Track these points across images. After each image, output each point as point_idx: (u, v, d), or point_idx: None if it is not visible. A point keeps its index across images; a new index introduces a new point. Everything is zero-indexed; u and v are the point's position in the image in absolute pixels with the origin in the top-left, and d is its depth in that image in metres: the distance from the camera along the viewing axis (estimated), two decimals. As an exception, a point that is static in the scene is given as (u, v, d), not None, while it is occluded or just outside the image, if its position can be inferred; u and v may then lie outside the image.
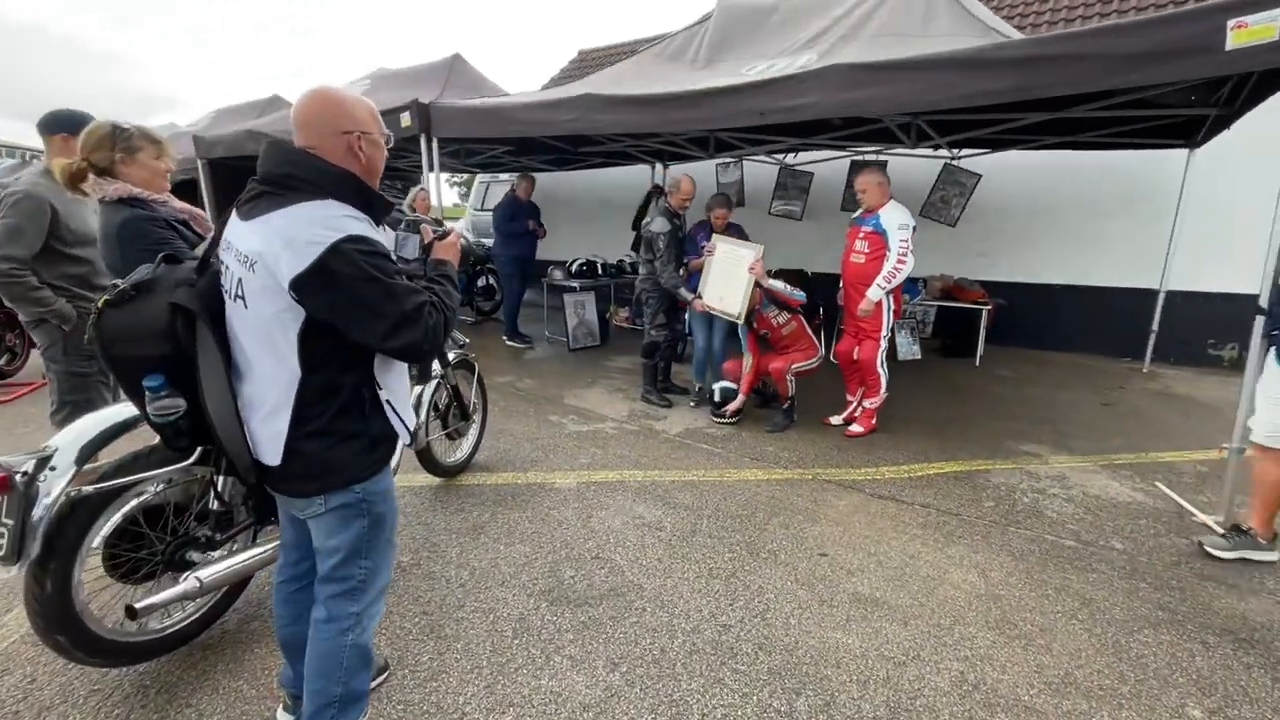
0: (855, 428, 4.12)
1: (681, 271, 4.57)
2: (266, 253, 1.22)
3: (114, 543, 1.77)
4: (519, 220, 6.62)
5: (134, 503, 1.80)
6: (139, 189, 2.02)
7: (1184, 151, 5.25)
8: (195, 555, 1.86)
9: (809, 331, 4.24)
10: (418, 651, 2.01)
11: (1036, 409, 4.73)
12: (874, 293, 3.81)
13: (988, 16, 4.25)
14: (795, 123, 5.46)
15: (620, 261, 7.24)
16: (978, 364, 6.11)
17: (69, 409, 2.61)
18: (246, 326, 1.32)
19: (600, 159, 8.62)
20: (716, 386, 4.30)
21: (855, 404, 4.25)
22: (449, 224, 1.68)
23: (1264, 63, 2.52)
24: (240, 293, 1.29)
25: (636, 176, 8.82)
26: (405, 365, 1.53)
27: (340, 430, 1.34)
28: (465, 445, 3.36)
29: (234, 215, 1.34)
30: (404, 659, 1.98)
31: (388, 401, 1.41)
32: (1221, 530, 2.79)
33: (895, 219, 3.78)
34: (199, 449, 1.78)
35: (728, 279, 4.24)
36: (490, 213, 7.71)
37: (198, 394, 1.43)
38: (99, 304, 1.40)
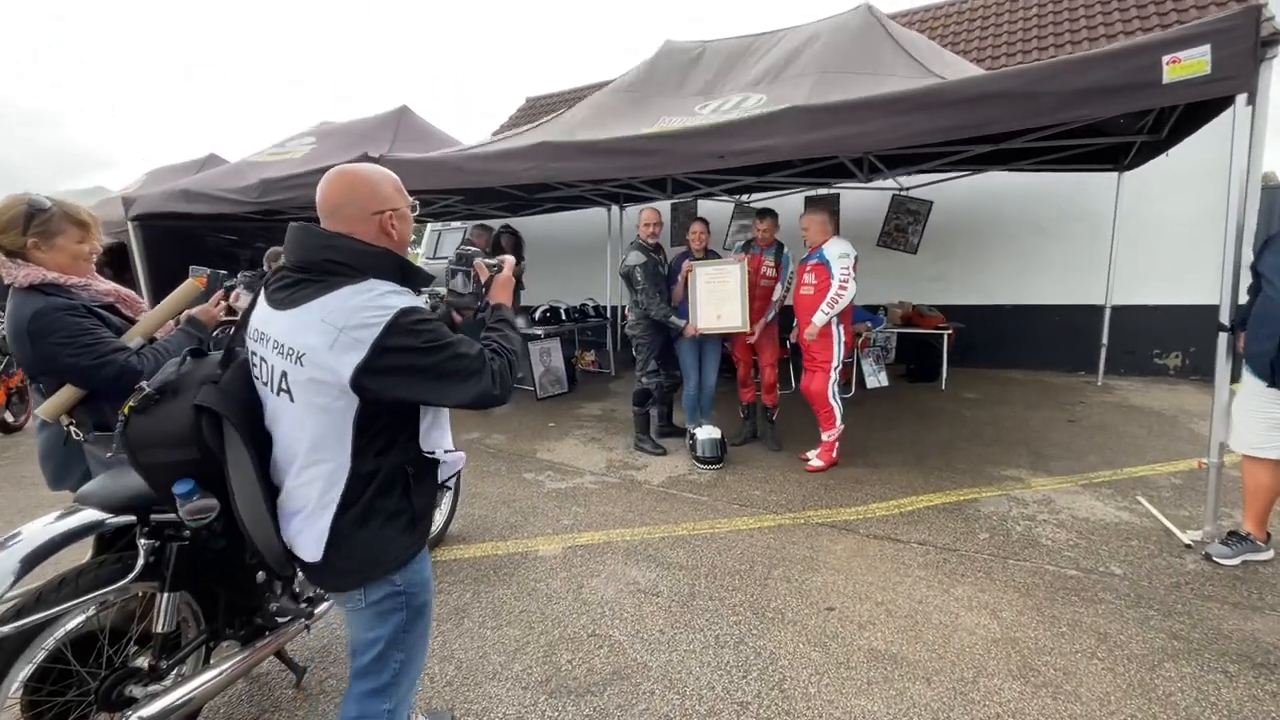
0: (815, 461, 4.10)
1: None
2: (316, 344, 1.19)
3: (35, 686, 1.50)
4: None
5: (60, 634, 1.54)
6: (55, 274, 1.80)
7: (1114, 175, 5.58)
8: (136, 690, 1.59)
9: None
10: (404, 772, 1.77)
11: (1008, 430, 4.79)
12: (818, 318, 3.90)
13: (926, 53, 4.43)
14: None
15: (583, 305, 7.15)
16: (943, 388, 6.21)
17: None
18: (293, 421, 1.27)
19: (554, 203, 8.60)
20: (699, 436, 4.18)
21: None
22: (502, 258, 1.65)
23: (1198, 94, 2.67)
24: (284, 386, 1.25)
25: (595, 218, 8.83)
26: (446, 416, 1.49)
27: (383, 510, 1.30)
28: (438, 517, 3.13)
29: (263, 301, 1.32)
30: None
31: (432, 453, 1.38)
32: (1210, 540, 2.83)
33: (837, 249, 3.93)
34: (141, 564, 1.56)
35: (719, 296, 4.24)
36: (445, 260, 7.52)
37: (229, 494, 1.37)
38: (124, 411, 1.35)
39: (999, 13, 8.06)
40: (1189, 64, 2.63)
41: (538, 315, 6.60)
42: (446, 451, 1.42)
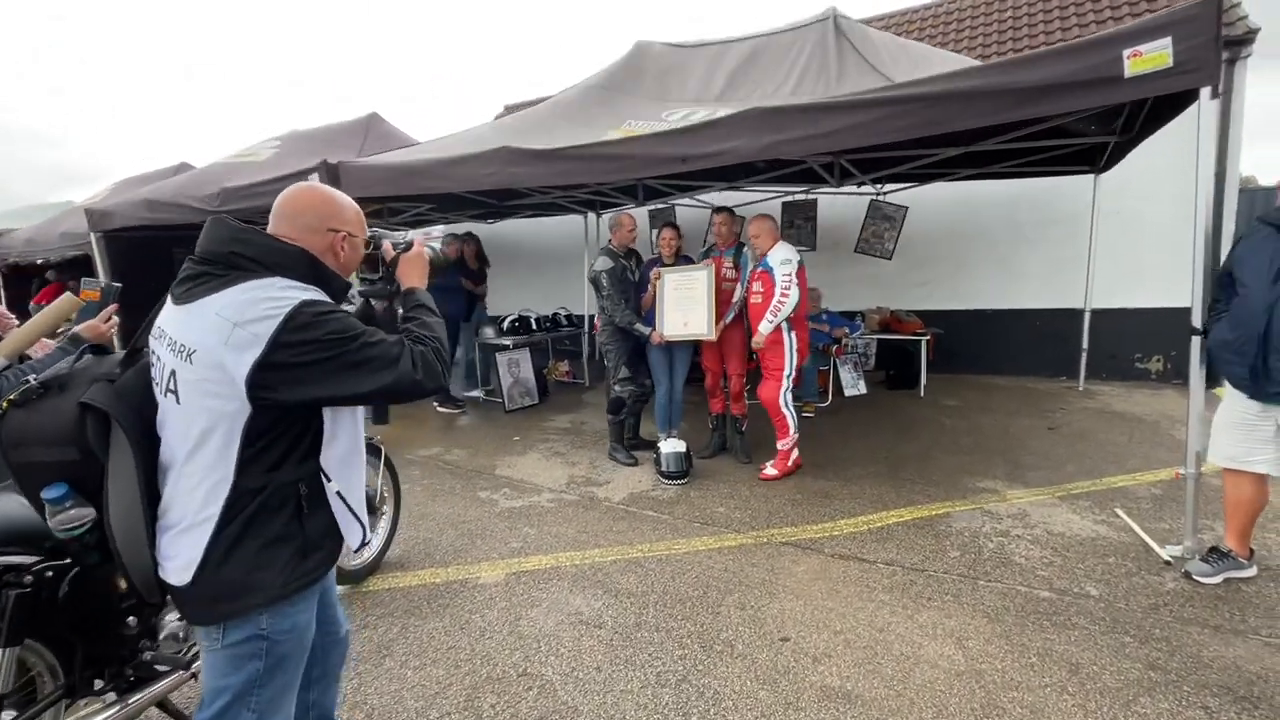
0: (769, 470, 3.97)
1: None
2: (208, 343, 1.11)
3: None
4: (449, 275, 6.29)
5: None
6: None
7: (1090, 177, 5.48)
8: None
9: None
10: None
11: (986, 439, 4.64)
12: (764, 327, 3.82)
13: (889, 61, 4.31)
14: (721, 166, 5.42)
15: (555, 315, 6.97)
16: (922, 394, 6.07)
17: None
18: (178, 426, 1.18)
19: (531, 210, 8.46)
20: (664, 450, 4.00)
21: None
22: (411, 234, 1.43)
23: (1161, 88, 2.54)
24: (172, 386, 1.16)
25: (570, 226, 8.68)
26: (362, 455, 1.40)
27: (266, 532, 1.17)
28: (374, 542, 2.93)
29: (168, 299, 1.22)
30: None
31: (338, 494, 1.28)
32: (1190, 555, 2.67)
33: (779, 256, 3.86)
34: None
35: (686, 303, 4.14)
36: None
37: (104, 504, 1.25)
38: (3, 404, 1.26)
39: (974, 15, 8.01)
40: (1150, 57, 2.51)
41: (506, 325, 6.40)
42: (340, 495, 1.28)
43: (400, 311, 1.43)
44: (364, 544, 1.42)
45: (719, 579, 2.77)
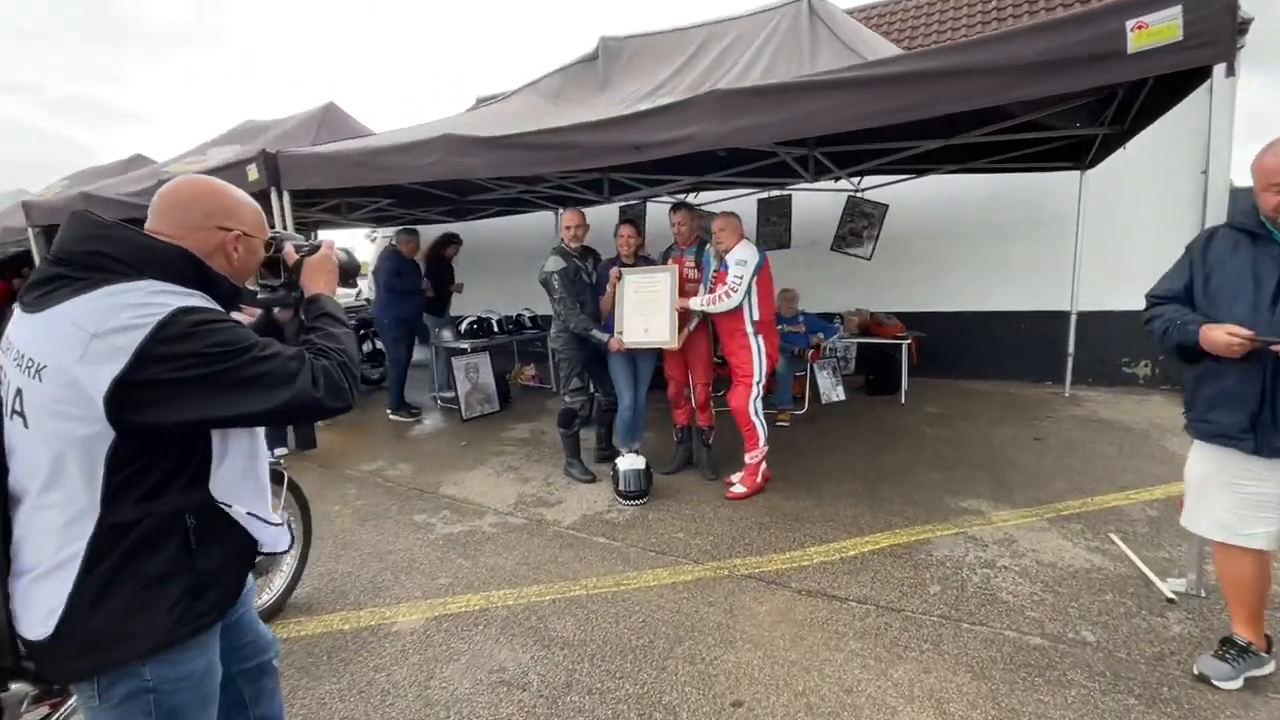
0: (737, 487, 3.66)
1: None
2: (60, 357, 0.95)
3: None
4: (407, 277, 5.89)
5: None
6: None
7: (1076, 174, 5.22)
8: None
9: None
10: None
11: (970, 450, 4.35)
12: (694, 302, 3.64)
13: (868, 46, 4.02)
14: (687, 159, 5.08)
15: (519, 316, 6.59)
16: (903, 401, 5.78)
17: None
18: (27, 453, 1.01)
19: (498, 208, 8.08)
20: (621, 468, 3.65)
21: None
22: (322, 240, 1.39)
23: (1170, 65, 2.22)
24: (19, 408, 1.01)
25: (541, 223, 8.30)
26: (260, 466, 1.22)
27: (143, 573, 1.01)
28: (276, 583, 2.55)
29: (16, 307, 1.06)
30: None
31: (250, 515, 1.15)
32: (1195, 590, 2.37)
33: (737, 255, 3.56)
34: None
35: (648, 307, 3.79)
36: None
37: None
38: None
39: (955, 9, 7.75)
40: (1157, 29, 2.19)
41: (464, 327, 6.01)
42: (252, 515, 1.15)
43: (303, 319, 1.27)
44: (290, 549, 1.29)
45: (669, 623, 2.43)
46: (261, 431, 1.25)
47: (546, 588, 2.73)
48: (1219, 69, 2.17)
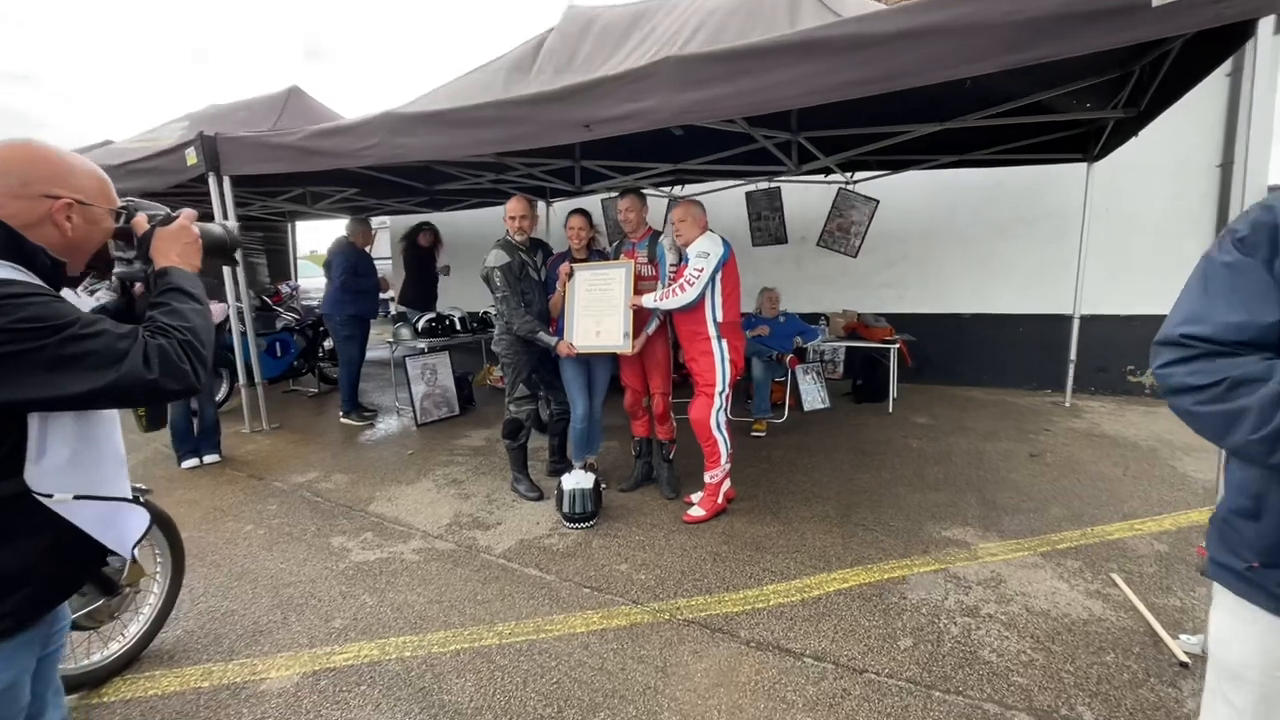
0: (695, 510, 3.29)
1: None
2: None
3: None
4: (365, 275, 5.49)
5: None
6: None
7: (1083, 166, 4.80)
8: None
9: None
10: None
11: (958, 468, 3.96)
12: (646, 300, 3.26)
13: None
14: (662, 144, 4.70)
15: (485, 314, 6.18)
16: (891, 409, 5.38)
17: None
18: None
19: (475, 199, 7.70)
20: (565, 486, 3.26)
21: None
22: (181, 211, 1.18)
23: (1202, 20, 1.82)
24: None
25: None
26: (104, 448, 1.10)
27: None
28: (130, 630, 2.16)
29: None
30: None
31: (81, 496, 1.04)
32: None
33: (698, 248, 3.16)
34: None
35: (600, 307, 3.40)
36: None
37: None
38: None
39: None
40: (1187, -24, 1.80)
41: (420, 325, 5.60)
42: (85, 498, 1.05)
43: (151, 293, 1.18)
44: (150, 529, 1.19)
45: (587, 685, 2.05)
46: (111, 412, 1.13)
47: (454, 634, 2.34)
48: (1263, 24, 1.76)
